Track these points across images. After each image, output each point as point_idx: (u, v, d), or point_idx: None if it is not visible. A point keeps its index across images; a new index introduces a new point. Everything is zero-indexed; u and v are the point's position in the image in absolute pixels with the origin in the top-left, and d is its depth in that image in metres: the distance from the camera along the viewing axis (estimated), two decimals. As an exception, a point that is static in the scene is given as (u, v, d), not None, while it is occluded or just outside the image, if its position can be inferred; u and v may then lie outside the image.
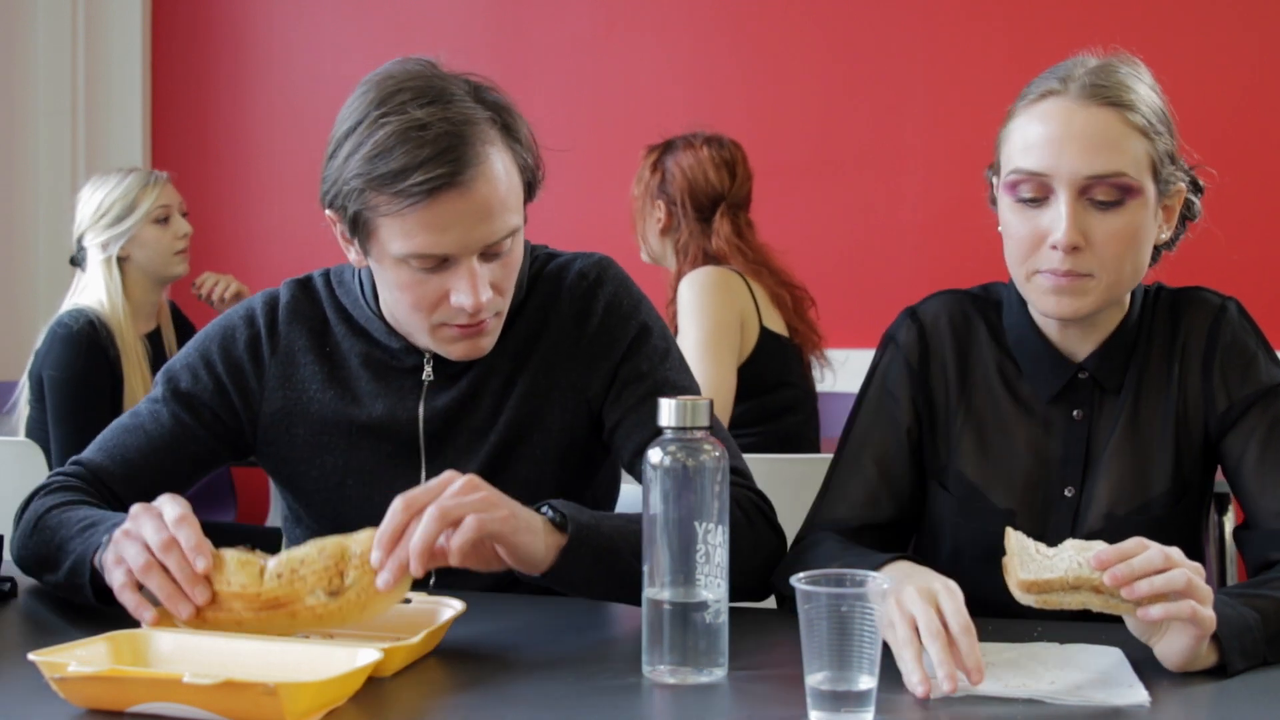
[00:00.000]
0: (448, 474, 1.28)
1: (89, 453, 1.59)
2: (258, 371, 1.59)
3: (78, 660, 1.10)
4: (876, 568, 1.25)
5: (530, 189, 1.52)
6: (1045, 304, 1.43)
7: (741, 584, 1.32)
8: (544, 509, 1.34)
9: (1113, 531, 1.45)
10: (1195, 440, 1.48)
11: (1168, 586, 1.14)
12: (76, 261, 2.92)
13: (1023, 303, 1.50)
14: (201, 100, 4.50)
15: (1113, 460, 1.47)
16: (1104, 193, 1.37)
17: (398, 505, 1.24)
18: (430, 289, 1.44)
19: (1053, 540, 1.45)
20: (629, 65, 4.09)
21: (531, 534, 1.29)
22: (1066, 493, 1.48)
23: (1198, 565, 1.18)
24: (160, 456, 1.58)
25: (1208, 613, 1.16)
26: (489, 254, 1.45)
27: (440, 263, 1.43)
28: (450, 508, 1.23)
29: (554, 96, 4.15)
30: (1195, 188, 1.52)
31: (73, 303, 2.85)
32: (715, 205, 2.81)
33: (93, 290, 2.84)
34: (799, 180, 3.89)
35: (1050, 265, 1.40)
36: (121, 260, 2.86)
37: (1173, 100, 1.52)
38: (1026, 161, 1.40)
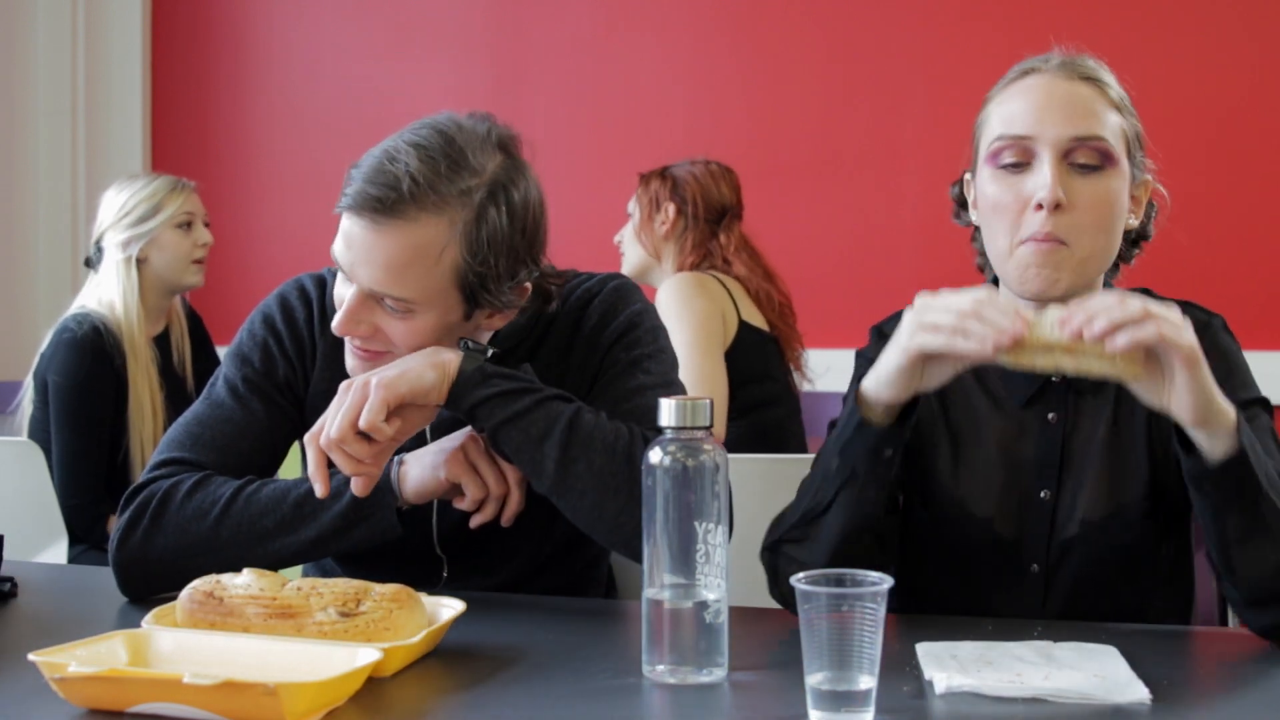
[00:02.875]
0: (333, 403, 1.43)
1: (184, 451, 1.56)
2: (312, 348, 1.64)
3: (78, 660, 1.10)
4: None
5: (471, 294, 1.48)
6: (1025, 278, 1.41)
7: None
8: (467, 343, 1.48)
9: (1092, 537, 1.45)
10: (1171, 446, 1.46)
11: (1125, 317, 1.17)
12: (91, 263, 2.91)
13: None
14: (201, 100, 4.50)
15: (1090, 464, 1.46)
16: (1085, 156, 1.39)
17: (307, 442, 1.43)
18: (340, 288, 1.51)
19: (1030, 546, 1.46)
20: (629, 66, 4.09)
21: (418, 367, 1.42)
22: (1042, 495, 1.47)
23: (1164, 307, 1.20)
24: (265, 442, 1.60)
25: (1184, 339, 1.18)
26: (381, 300, 1.47)
27: (348, 276, 1.49)
28: (337, 437, 1.39)
29: (554, 97, 4.15)
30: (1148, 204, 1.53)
31: (80, 305, 2.84)
32: (723, 215, 2.91)
33: (104, 290, 2.83)
34: (799, 180, 3.90)
35: (1032, 230, 1.40)
36: (139, 263, 2.85)
37: (1170, 101, 1.53)
38: (1010, 128, 1.42)
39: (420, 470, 1.48)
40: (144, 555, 1.48)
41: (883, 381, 1.33)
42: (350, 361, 1.53)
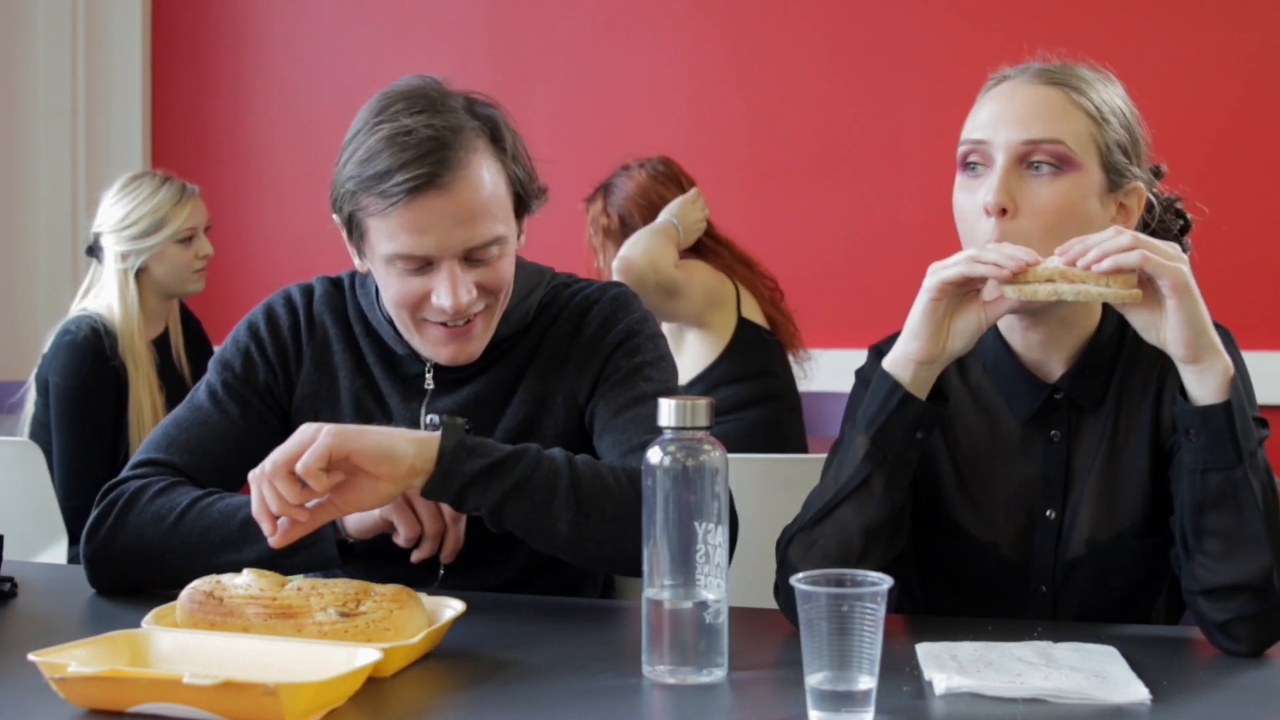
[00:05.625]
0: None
1: (161, 452, 1.58)
2: (297, 353, 1.65)
3: (78, 660, 1.10)
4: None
5: (522, 202, 1.56)
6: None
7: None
8: (433, 418, 1.46)
9: (1098, 555, 1.44)
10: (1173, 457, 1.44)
11: (1114, 245, 1.23)
12: (93, 252, 2.90)
13: (996, 325, 1.47)
14: (201, 100, 4.50)
15: (1094, 481, 1.45)
16: (1040, 158, 1.37)
17: (251, 479, 1.36)
18: (414, 287, 1.51)
19: (1038, 567, 1.45)
20: (628, 67, 4.09)
21: (390, 434, 1.35)
22: (1048, 514, 1.46)
23: (1161, 241, 1.25)
24: (240, 446, 1.61)
25: (1170, 264, 1.22)
26: (473, 259, 1.50)
27: (424, 264, 1.49)
28: (269, 470, 1.32)
29: (553, 98, 4.15)
30: (1177, 214, 1.52)
31: (81, 307, 2.85)
32: None
33: (105, 295, 2.83)
34: (799, 180, 3.90)
35: (985, 236, 1.38)
36: (138, 271, 2.85)
37: (1171, 102, 1.52)
38: (971, 133, 1.42)
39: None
40: (107, 551, 1.51)
41: (911, 332, 1.34)
42: (446, 349, 1.55)
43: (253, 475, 1.36)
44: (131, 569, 1.50)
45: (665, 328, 2.80)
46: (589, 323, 1.62)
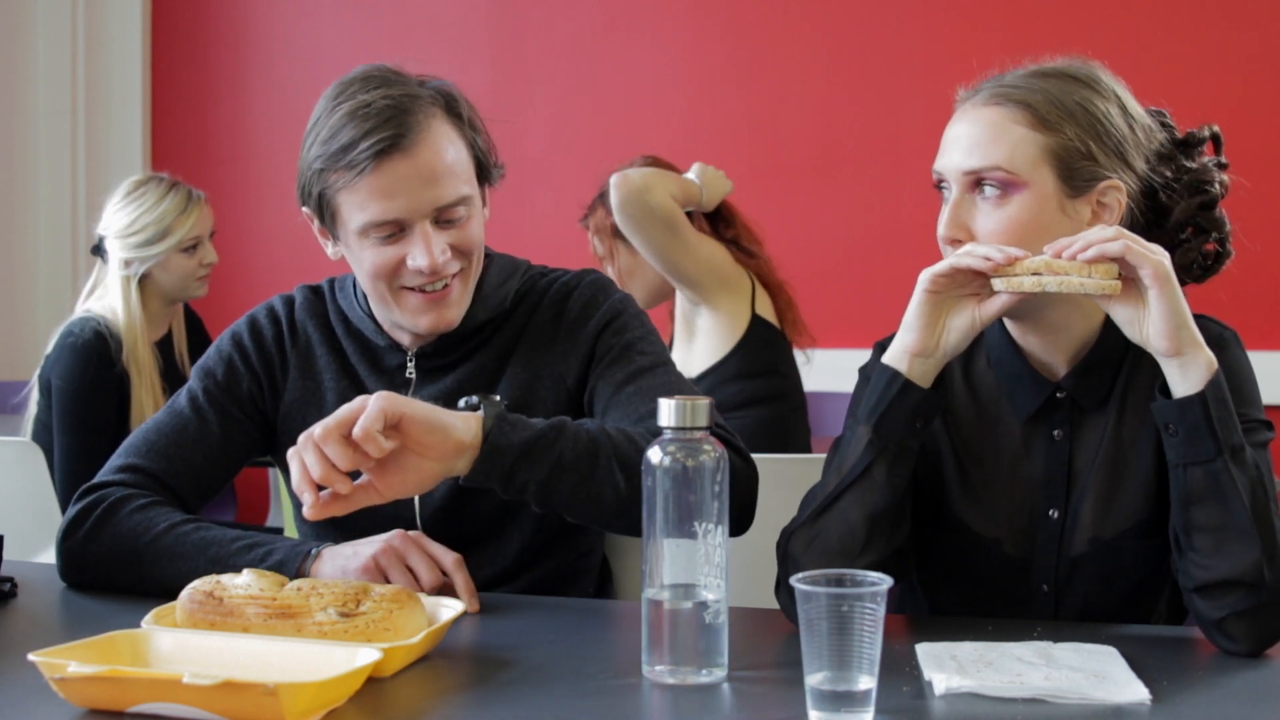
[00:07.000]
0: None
1: (140, 458, 1.60)
2: (282, 362, 1.68)
3: (78, 660, 1.10)
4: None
5: (483, 169, 1.61)
6: None
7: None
8: (471, 399, 1.42)
9: (1100, 555, 1.44)
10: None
11: (1099, 236, 1.26)
12: (98, 252, 2.90)
13: (1002, 321, 1.48)
14: (201, 100, 4.50)
15: (1096, 481, 1.44)
16: (988, 186, 1.40)
17: (289, 458, 1.32)
18: (388, 256, 1.54)
19: (1040, 566, 1.45)
20: (628, 67, 4.09)
21: (430, 407, 1.35)
22: (1051, 514, 1.46)
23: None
24: (216, 454, 1.64)
25: (1152, 255, 1.24)
26: (443, 221, 1.55)
27: (397, 230, 1.53)
28: (320, 435, 1.30)
29: (553, 98, 4.15)
30: (1195, 190, 1.50)
31: (85, 308, 2.84)
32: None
33: (109, 298, 2.83)
34: (799, 180, 3.90)
35: None
36: (142, 277, 2.85)
37: (1171, 103, 1.51)
38: (935, 164, 1.46)
39: (332, 570, 1.45)
40: (83, 553, 1.53)
41: (907, 325, 1.37)
42: (426, 318, 1.57)
43: (296, 446, 1.32)
44: (102, 575, 1.52)
45: (678, 313, 2.79)
46: (571, 307, 1.65)
